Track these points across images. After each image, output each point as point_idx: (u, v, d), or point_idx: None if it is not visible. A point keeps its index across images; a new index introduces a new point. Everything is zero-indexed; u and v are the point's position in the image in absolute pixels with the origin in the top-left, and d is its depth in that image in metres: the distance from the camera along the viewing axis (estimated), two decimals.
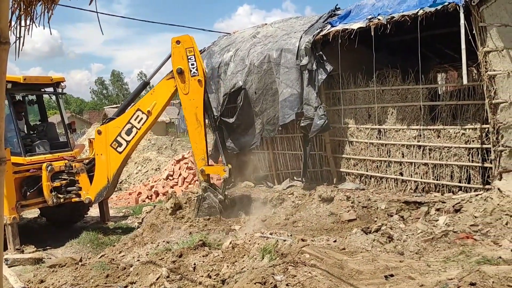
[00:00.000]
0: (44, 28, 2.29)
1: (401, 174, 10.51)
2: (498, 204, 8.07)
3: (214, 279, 6.48)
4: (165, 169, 17.88)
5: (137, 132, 10.13)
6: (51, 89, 11.74)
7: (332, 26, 10.96)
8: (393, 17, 9.67)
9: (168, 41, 9.94)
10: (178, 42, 9.83)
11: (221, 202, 10.05)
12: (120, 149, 10.21)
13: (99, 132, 10.40)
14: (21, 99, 11.76)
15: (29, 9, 2.17)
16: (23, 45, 2.15)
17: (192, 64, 9.78)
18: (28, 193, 10.35)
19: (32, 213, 12.49)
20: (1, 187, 1.53)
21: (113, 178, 10.38)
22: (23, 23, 2.21)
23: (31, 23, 2.22)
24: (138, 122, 10.08)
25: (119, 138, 10.17)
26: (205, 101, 9.94)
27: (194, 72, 9.79)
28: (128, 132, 10.14)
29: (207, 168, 10.03)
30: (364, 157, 11.13)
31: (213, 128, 10.62)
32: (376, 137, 10.88)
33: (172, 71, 10.00)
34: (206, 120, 10.41)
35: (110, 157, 10.24)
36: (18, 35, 1.98)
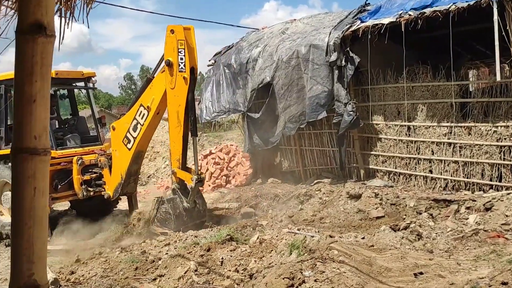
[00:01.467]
0: (83, 23, 2.35)
1: (431, 171, 10.38)
2: None
3: (242, 273, 6.51)
4: (193, 164, 17.99)
5: (141, 128, 9.77)
6: (82, 84, 11.92)
7: (362, 22, 10.88)
8: (424, 12, 9.54)
9: (197, 36, 9.56)
10: (172, 31, 9.12)
11: (186, 210, 9.09)
12: (129, 146, 10.00)
13: (113, 128, 10.39)
14: (52, 93, 11.96)
15: (69, 3, 2.22)
16: (63, 38, 2.20)
17: (181, 59, 9.05)
18: (59, 186, 10.53)
19: (62, 205, 12.72)
20: (46, 177, 1.57)
21: (125, 175, 10.22)
22: (64, 20, 2.26)
23: (70, 17, 2.27)
24: (142, 118, 9.75)
25: (128, 135, 9.97)
26: (188, 101, 9.14)
27: (181, 68, 9.07)
28: (135, 128, 9.86)
29: (178, 171, 9.35)
30: (393, 154, 11.02)
31: (192, 132, 9.36)
32: (406, 134, 10.77)
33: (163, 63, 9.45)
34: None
35: (121, 153, 10.15)
36: (59, 29, 2.02)
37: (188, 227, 9.01)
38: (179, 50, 9.01)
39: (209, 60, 14.85)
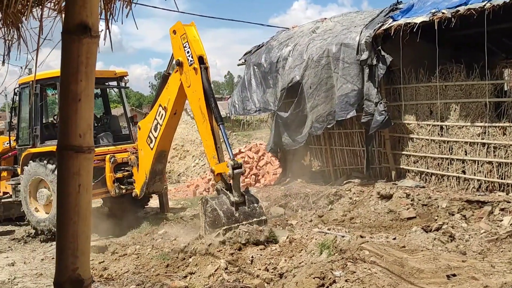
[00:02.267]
0: (122, 23, 2.39)
1: (464, 172, 10.20)
2: None
3: (272, 272, 6.53)
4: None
5: (160, 128, 9.77)
6: (114, 83, 12.12)
7: (394, 20, 10.76)
8: (459, 10, 9.37)
9: (225, 36, 9.85)
10: (174, 32, 9.14)
11: (236, 204, 8.12)
12: (151, 146, 10.03)
13: (139, 128, 10.50)
14: None
15: (109, 4, 2.26)
16: (104, 39, 2.24)
17: (188, 52, 8.89)
18: (92, 184, 10.70)
19: (95, 203, 12.95)
20: (90, 174, 1.61)
21: (150, 174, 10.28)
22: (105, 22, 2.31)
23: (111, 18, 2.32)
24: (161, 118, 9.75)
25: (150, 134, 10.03)
26: (205, 89, 8.77)
27: (190, 61, 8.84)
28: (155, 128, 9.89)
29: (216, 167, 8.50)
30: (425, 154, 10.88)
31: (217, 119, 8.77)
32: (438, 133, 10.61)
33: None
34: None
35: (146, 153, 10.24)
36: (104, 31, 2.07)
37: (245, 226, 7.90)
38: (184, 45, 8.92)
39: (239, 60, 14.90)
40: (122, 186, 10.87)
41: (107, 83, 12.30)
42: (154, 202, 12.66)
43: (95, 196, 11.19)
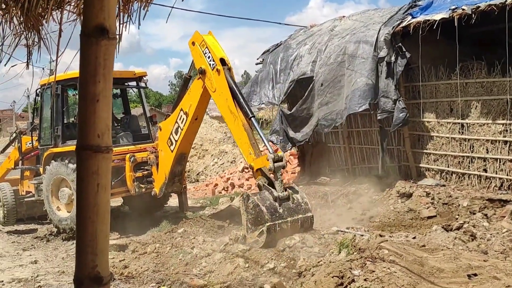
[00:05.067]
0: (139, 25, 2.42)
1: (485, 170, 10.06)
2: None
3: (290, 271, 6.55)
4: (241, 162, 18.13)
5: (181, 132, 9.98)
6: (134, 83, 12.23)
7: (413, 17, 10.65)
8: (479, 6, 9.25)
9: (243, 35, 10.04)
10: (193, 43, 9.53)
11: (279, 200, 7.79)
12: (171, 148, 10.24)
13: (160, 128, 10.72)
14: None
15: (127, 6, 2.30)
16: (120, 41, 2.27)
17: (209, 57, 9.18)
18: (112, 183, 10.83)
19: (115, 201, 13.10)
20: (108, 174, 1.64)
21: (169, 175, 10.46)
22: (121, 20, 2.35)
23: (128, 20, 2.35)
24: (182, 122, 9.95)
25: (171, 137, 10.24)
26: (231, 88, 8.87)
27: (212, 64, 9.10)
28: (176, 132, 10.10)
29: (255, 163, 8.34)
30: (445, 152, 10.76)
31: (247, 114, 8.77)
32: (459, 131, 10.49)
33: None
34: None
35: (166, 154, 10.44)
36: (118, 33, 2.10)
37: (290, 224, 7.71)
38: (204, 51, 9.22)
39: (257, 59, 14.89)
40: (141, 185, 10.97)
41: (126, 83, 12.42)
42: (173, 201, 12.74)
43: (116, 195, 11.32)
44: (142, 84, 12.10)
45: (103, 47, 1.60)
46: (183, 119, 9.84)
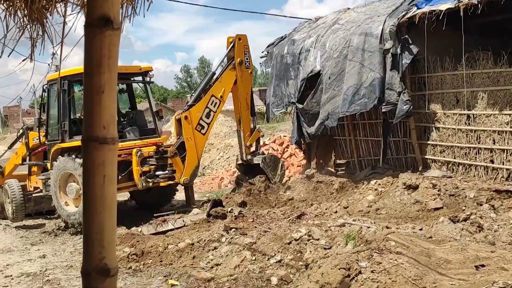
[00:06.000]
0: (144, 17, 2.41)
1: (492, 161, 10.02)
2: None
3: (297, 262, 6.56)
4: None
5: (213, 115, 11.72)
6: (139, 78, 12.22)
7: (418, 8, 10.58)
8: None
9: (248, 29, 10.99)
10: (240, 39, 12.04)
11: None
12: (203, 131, 11.56)
13: (185, 118, 11.33)
14: None
15: None
16: (123, 31, 2.26)
17: (247, 59, 12.04)
18: (119, 177, 10.87)
19: (122, 196, 13.14)
20: (115, 165, 1.64)
21: (201, 158, 11.96)
22: (124, 13, 2.34)
23: (132, 12, 2.34)
24: (214, 106, 11.64)
25: (201, 122, 11.47)
26: (252, 87, 12.54)
27: (247, 65, 12.07)
28: (208, 116, 11.57)
29: (251, 140, 12.48)
30: (452, 144, 10.72)
31: (252, 112, 12.59)
32: (465, 122, 10.44)
33: (232, 62, 11.92)
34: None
35: (196, 139, 11.43)
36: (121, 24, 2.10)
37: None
38: (245, 52, 12.07)
39: (262, 52, 14.89)
40: (148, 179, 11.01)
41: (132, 78, 12.42)
42: (180, 195, 12.78)
43: (123, 190, 11.37)
44: (148, 79, 12.10)
45: (108, 37, 1.59)
46: (216, 103, 11.67)
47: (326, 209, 9.63)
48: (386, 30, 10.71)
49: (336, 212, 9.40)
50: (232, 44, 12.03)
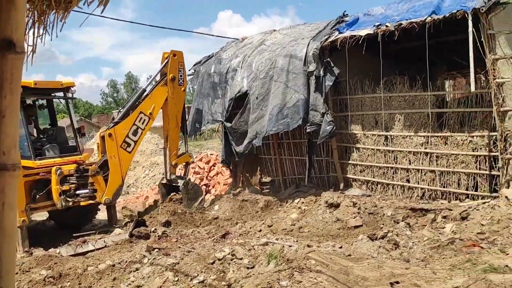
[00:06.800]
0: (57, 37, 2.35)
1: (408, 181, 10.50)
2: (505, 212, 8.05)
3: (220, 283, 6.52)
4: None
5: (141, 132, 11.40)
6: (61, 94, 11.82)
7: (340, 33, 11.01)
8: (401, 24, 9.70)
9: (177, 45, 10.81)
10: (174, 55, 11.91)
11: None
12: (129, 149, 11.26)
13: (109, 135, 11.01)
14: (31, 103, 11.87)
15: (42, 18, 2.23)
16: (34, 52, 2.21)
17: (181, 76, 11.95)
18: (38, 196, 10.43)
19: (41, 215, 12.58)
20: (15, 191, 1.58)
21: (125, 177, 11.44)
22: (36, 33, 2.27)
23: (44, 32, 2.28)
24: (142, 123, 11.36)
25: (127, 139, 11.18)
26: (183, 104, 12.43)
27: (181, 82, 11.97)
28: (135, 133, 11.26)
29: (178, 160, 12.42)
30: (371, 164, 11.14)
31: (184, 131, 12.77)
32: (383, 143, 10.89)
33: (164, 78, 11.74)
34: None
35: (121, 157, 11.14)
36: (31, 44, 2.04)
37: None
38: (179, 69, 11.93)
39: (189, 70, 14.85)
40: (68, 199, 10.64)
41: (53, 94, 11.99)
42: (102, 215, 12.41)
43: (41, 209, 10.91)
44: (70, 95, 11.72)
45: (10, 61, 1.54)
46: (144, 120, 11.39)
47: (250, 228, 9.68)
48: (309, 53, 11.03)
49: (260, 230, 9.47)
50: (166, 59, 11.88)
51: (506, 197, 8.46)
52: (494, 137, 9.03)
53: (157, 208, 11.89)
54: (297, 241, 8.12)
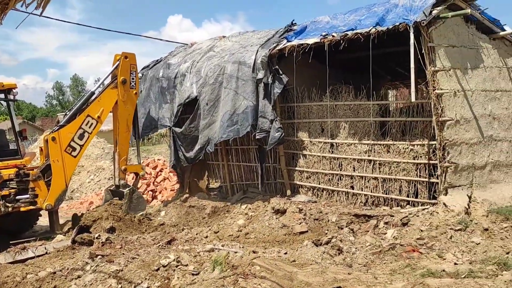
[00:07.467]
0: None
1: (352, 187, 10.74)
2: (443, 219, 8.37)
3: None
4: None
5: (88, 136, 11.08)
6: (2, 96, 11.39)
7: (288, 41, 11.17)
8: (347, 34, 9.94)
9: (124, 48, 10.61)
10: (126, 57, 11.55)
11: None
12: (74, 153, 10.92)
13: (53, 139, 10.66)
14: None
15: None
16: None
17: (133, 79, 11.63)
18: None
19: None
20: None
21: (69, 182, 11.03)
22: None
23: None
24: (89, 127, 11.07)
25: (72, 143, 10.85)
26: (135, 108, 12.01)
27: (133, 85, 11.64)
28: (81, 137, 10.96)
29: (129, 167, 12.21)
30: (317, 170, 11.31)
31: (136, 136, 12.46)
32: (329, 151, 11.10)
33: (114, 81, 11.42)
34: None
35: (65, 161, 10.78)
36: None
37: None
38: (131, 72, 11.59)
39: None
40: (8, 204, 10.28)
41: None
42: (43, 220, 12.04)
43: None
44: (11, 97, 11.32)
45: None
46: (92, 124, 11.07)
47: (197, 234, 9.64)
48: (258, 60, 11.12)
49: (206, 237, 9.45)
50: (118, 62, 11.53)
51: (444, 203, 8.80)
52: (433, 145, 9.37)
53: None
54: (243, 247, 8.15)
